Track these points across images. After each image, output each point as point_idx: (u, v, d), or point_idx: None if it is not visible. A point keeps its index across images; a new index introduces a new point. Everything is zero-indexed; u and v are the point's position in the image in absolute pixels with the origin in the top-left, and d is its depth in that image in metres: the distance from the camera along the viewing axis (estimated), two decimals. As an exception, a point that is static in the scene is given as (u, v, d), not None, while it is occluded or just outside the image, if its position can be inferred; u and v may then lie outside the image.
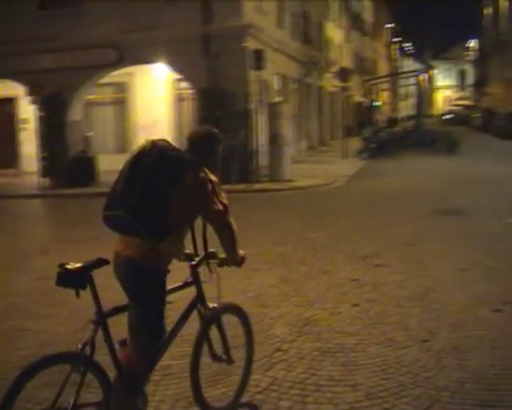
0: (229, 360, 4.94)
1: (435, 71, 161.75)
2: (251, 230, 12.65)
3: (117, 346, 4.23)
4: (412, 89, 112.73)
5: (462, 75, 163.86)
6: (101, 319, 4.09)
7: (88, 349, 3.98)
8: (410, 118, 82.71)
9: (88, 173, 21.86)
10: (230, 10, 21.39)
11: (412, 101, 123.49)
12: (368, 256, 10.07)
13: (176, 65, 22.59)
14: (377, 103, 59.57)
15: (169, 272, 4.28)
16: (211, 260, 4.65)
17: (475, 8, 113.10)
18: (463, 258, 9.81)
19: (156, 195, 4.05)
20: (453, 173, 22.48)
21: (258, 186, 19.71)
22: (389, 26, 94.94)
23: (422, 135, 38.04)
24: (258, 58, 20.20)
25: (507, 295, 7.81)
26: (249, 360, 5.19)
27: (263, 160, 21.11)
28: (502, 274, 8.87)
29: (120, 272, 4.23)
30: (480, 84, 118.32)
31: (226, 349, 4.89)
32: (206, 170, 4.26)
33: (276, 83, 27.96)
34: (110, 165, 22.96)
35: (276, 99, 26.77)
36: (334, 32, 47.73)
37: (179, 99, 26.20)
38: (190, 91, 23.48)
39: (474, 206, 15.31)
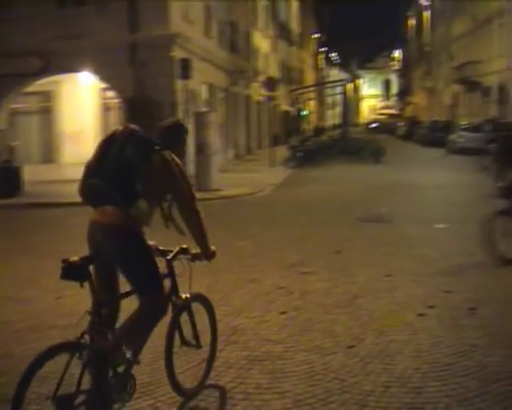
0: (198, 345, 5.43)
1: (361, 80, 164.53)
2: (177, 239, 12.57)
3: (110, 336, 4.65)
4: (339, 98, 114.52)
5: (387, 85, 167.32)
6: (98, 309, 4.45)
7: (87, 338, 4.33)
8: (336, 127, 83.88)
9: (13, 184, 21.27)
10: (157, 19, 21.29)
11: (339, 110, 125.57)
12: (295, 264, 10.14)
13: (102, 74, 22.38)
14: (304, 112, 60.23)
15: None
16: (183, 256, 5.21)
17: (400, 19, 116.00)
18: (389, 264, 9.99)
19: (128, 169, 4.53)
20: (378, 181, 22.88)
21: (186, 195, 19.61)
22: (316, 36, 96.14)
23: (348, 144, 38.56)
24: (186, 67, 20.19)
25: (431, 300, 7.99)
26: (214, 344, 5.73)
27: (191, 169, 21.04)
28: (426, 279, 9.06)
29: (98, 239, 4.60)
30: (404, 93, 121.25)
31: (195, 335, 5.39)
32: (173, 154, 4.74)
33: (203, 92, 27.96)
34: (36, 175, 22.69)
35: (204, 108, 26.77)
36: (262, 42, 48.05)
37: (106, 108, 25.89)
38: (117, 101, 23.27)
39: (398, 213, 15.63)
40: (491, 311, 7.52)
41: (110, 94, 24.21)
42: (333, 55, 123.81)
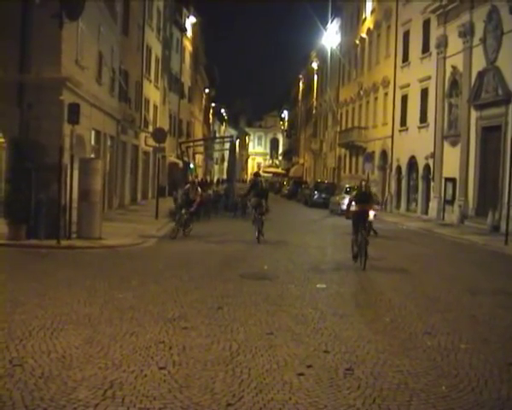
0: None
1: (249, 137, 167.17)
2: (56, 288, 12.30)
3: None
4: (226, 153, 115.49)
5: (274, 143, 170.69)
6: (357, 230, 17.45)
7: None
8: (223, 181, 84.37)
9: None
10: (48, 61, 20.94)
11: (226, 165, 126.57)
12: (175, 319, 10.08)
13: (-13, 112, 21.78)
14: (192, 165, 60.34)
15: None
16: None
17: (292, 80, 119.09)
18: (269, 322, 10.09)
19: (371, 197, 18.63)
20: (261, 238, 23.13)
21: (66, 243, 19.19)
22: (207, 91, 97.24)
23: (234, 200, 38.89)
24: (74, 112, 19.89)
25: (310, 359, 8.11)
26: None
27: (75, 216, 20.64)
28: (306, 338, 9.20)
29: (362, 216, 17.43)
30: (290, 153, 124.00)
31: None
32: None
33: (91, 138, 27.66)
34: None
35: (90, 155, 26.45)
36: (153, 93, 48.19)
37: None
38: (2, 141, 22.64)
39: (280, 271, 15.88)
40: (367, 372, 7.72)
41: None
42: (223, 111, 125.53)
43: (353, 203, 18.10)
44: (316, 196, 51.56)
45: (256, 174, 28.39)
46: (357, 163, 59.52)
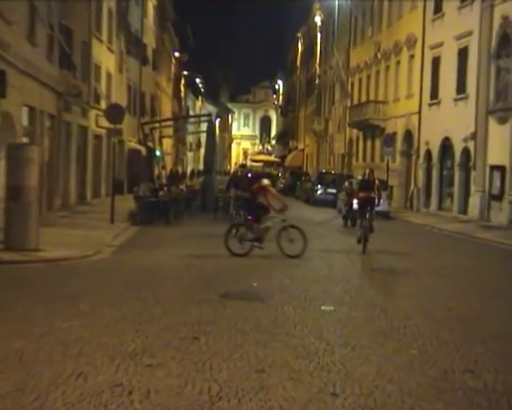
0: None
1: (233, 116, 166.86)
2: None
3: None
4: (204, 137, 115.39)
5: (265, 123, 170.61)
6: (363, 219, 24.49)
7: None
8: (200, 173, 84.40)
9: None
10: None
11: (203, 152, 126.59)
12: (137, 354, 10.03)
13: None
14: (159, 153, 60.25)
15: None
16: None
17: (290, 41, 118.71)
18: (260, 356, 10.04)
19: (374, 185, 25.72)
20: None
21: (-8, 256, 19.13)
22: (177, 55, 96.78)
23: (213, 197, 38.68)
24: (0, 82, 19.80)
25: (314, 404, 8.08)
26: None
27: (2, 220, 20.55)
28: (308, 377, 9.16)
29: (369, 201, 24.51)
30: (286, 136, 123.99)
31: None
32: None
33: (23, 118, 27.53)
34: None
35: (23, 139, 26.31)
36: (105, 57, 47.99)
37: None
38: None
39: (274, 289, 15.87)
40: (387, 422, 7.69)
41: None
42: (198, 81, 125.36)
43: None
44: (320, 192, 51.58)
45: (242, 166, 33.22)
46: (373, 148, 59.64)
